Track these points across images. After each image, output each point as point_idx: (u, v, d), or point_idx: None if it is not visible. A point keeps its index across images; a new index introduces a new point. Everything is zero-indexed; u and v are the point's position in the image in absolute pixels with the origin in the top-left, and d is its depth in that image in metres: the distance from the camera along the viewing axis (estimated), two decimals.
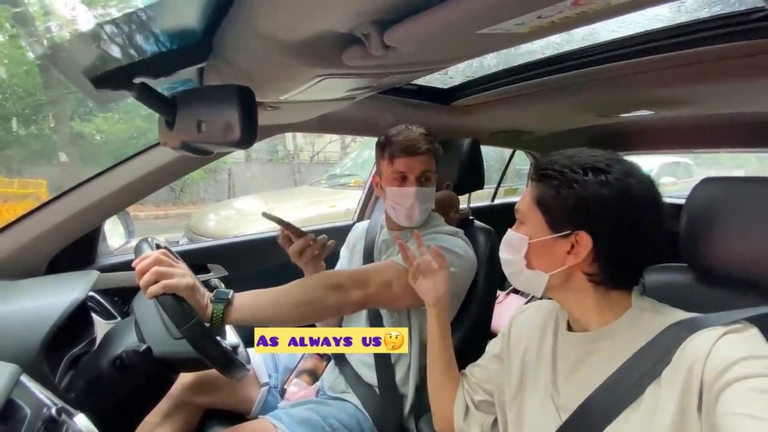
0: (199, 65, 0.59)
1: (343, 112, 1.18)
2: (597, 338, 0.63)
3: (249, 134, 0.44)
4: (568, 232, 0.60)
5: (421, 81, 1.31)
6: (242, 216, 3.40)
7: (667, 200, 0.63)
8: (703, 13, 0.79)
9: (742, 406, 0.44)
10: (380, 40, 0.40)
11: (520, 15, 0.37)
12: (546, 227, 0.62)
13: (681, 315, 0.59)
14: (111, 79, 0.48)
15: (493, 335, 0.87)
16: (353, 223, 1.68)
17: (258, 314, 0.86)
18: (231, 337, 0.99)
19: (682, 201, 0.72)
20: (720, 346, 0.50)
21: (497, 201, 2.33)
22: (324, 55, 0.47)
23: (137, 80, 0.50)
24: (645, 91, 1.10)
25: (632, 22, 0.86)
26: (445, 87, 1.37)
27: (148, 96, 0.50)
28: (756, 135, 1.42)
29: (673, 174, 6.13)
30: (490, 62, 1.23)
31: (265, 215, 1.05)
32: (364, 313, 1.15)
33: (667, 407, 0.52)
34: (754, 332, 0.52)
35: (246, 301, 0.86)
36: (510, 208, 0.73)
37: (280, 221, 1.06)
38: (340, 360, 1.20)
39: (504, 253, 0.68)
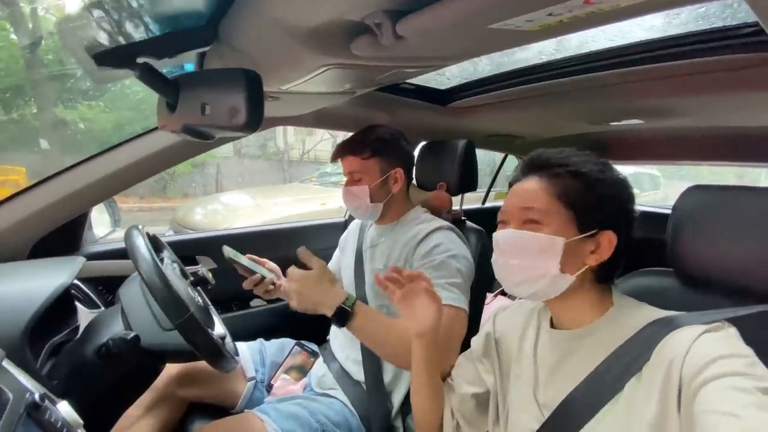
0: (202, 49, 0.58)
1: (340, 108, 1.18)
2: (580, 336, 0.64)
3: (255, 119, 0.44)
4: (595, 231, 0.60)
5: (420, 81, 1.32)
6: (229, 210, 3.36)
7: (652, 210, 0.66)
8: (696, 26, 0.81)
9: (720, 404, 0.45)
10: (392, 30, 0.41)
11: (532, 11, 0.37)
12: (573, 226, 0.60)
13: (661, 313, 0.60)
14: (114, 56, 0.47)
15: None
16: (345, 221, 1.68)
17: (371, 335, 0.89)
18: (218, 328, 0.97)
19: (667, 211, 0.75)
20: (699, 344, 0.51)
21: (488, 204, 2.36)
22: (333, 44, 0.47)
23: (140, 60, 0.49)
24: (637, 100, 1.13)
25: (628, 32, 0.88)
26: (442, 88, 1.38)
27: (150, 76, 0.49)
28: (744, 149, 1.46)
29: (640, 186, 5.81)
30: (485, 68, 1.25)
31: (226, 251, 1.06)
32: None
33: (646, 404, 0.53)
34: (733, 332, 0.53)
35: (368, 318, 0.89)
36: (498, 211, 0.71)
37: (234, 262, 1.07)
38: (329, 356, 1.20)
39: (516, 259, 0.62)
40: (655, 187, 6.36)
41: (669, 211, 0.72)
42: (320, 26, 0.44)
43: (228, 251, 1.06)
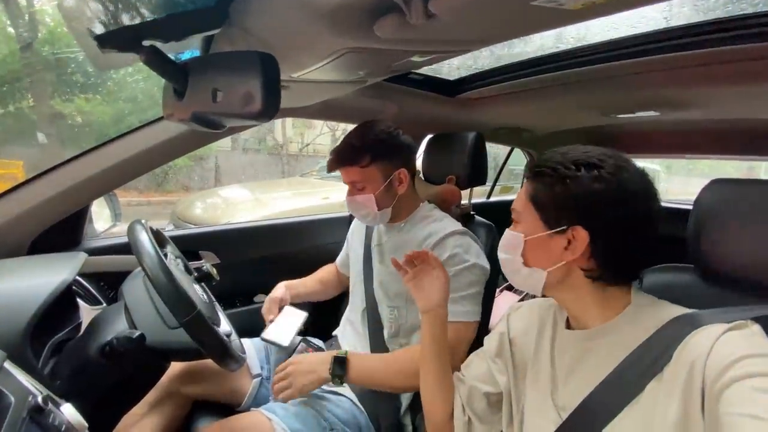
0: (212, 32, 0.55)
1: (347, 99, 1.15)
2: (596, 335, 0.62)
3: (271, 106, 0.41)
4: (564, 227, 0.60)
5: (428, 71, 1.28)
6: (229, 205, 3.32)
7: (672, 206, 0.64)
8: (720, 13, 0.78)
9: (745, 406, 0.43)
10: (424, 7, 0.37)
11: None
12: (541, 224, 0.62)
13: (680, 311, 0.58)
14: (118, 39, 0.43)
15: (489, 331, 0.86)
16: (350, 215, 1.66)
17: (371, 383, 0.96)
18: (224, 325, 0.95)
19: (688, 207, 0.72)
20: (721, 343, 0.49)
21: (493, 198, 2.33)
22: (354, 24, 0.44)
23: (146, 43, 0.45)
24: (652, 90, 1.10)
25: (651, 18, 0.85)
26: (451, 79, 1.35)
27: (157, 60, 0.46)
28: (753, 142, 1.43)
29: None
30: (499, 56, 1.21)
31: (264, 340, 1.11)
32: (361, 304, 1.13)
33: (668, 406, 0.51)
34: (757, 329, 0.51)
35: (362, 370, 0.94)
36: (505, 205, 0.73)
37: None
38: None
39: (502, 253, 0.68)
40: (656, 181, 6.39)
41: (682, 206, 0.70)
42: (342, 4, 0.41)
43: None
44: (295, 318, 1.17)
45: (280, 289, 1.22)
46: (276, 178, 6.78)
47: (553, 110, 1.47)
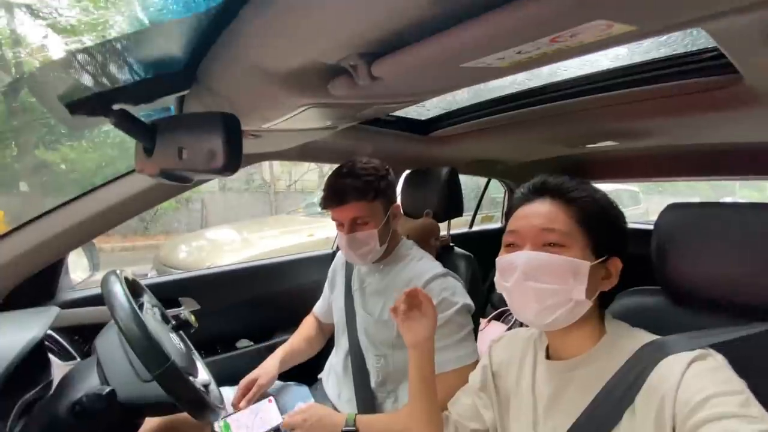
0: (181, 93, 0.58)
1: (324, 141, 1.19)
2: (575, 366, 0.63)
3: (233, 162, 0.44)
4: (605, 257, 0.60)
5: (400, 113, 1.35)
6: (215, 246, 3.30)
7: (635, 226, 0.67)
8: (659, 54, 0.85)
9: None
10: (368, 71, 0.41)
11: (502, 50, 0.39)
12: (590, 251, 0.59)
13: (650, 337, 0.60)
14: (88, 105, 0.46)
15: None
16: (333, 252, 1.66)
17: None
18: (202, 374, 0.93)
19: (649, 227, 0.76)
20: (689, 377, 0.51)
21: (474, 228, 2.37)
22: (310, 85, 0.48)
23: (116, 107, 0.48)
24: (608, 123, 1.17)
25: (596, 61, 0.92)
26: (422, 119, 1.42)
27: (126, 123, 0.49)
28: (714, 164, 1.52)
29: (620, 202, 6.11)
30: (463, 96, 1.29)
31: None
32: (344, 350, 1.12)
33: None
34: (720, 360, 0.53)
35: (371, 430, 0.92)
36: (486, 234, 0.73)
37: None
38: (320, 396, 1.15)
39: (543, 282, 0.58)
40: (636, 202, 6.51)
41: (650, 227, 0.73)
42: (297, 69, 0.45)
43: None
44: (268, 420, 1.07)
45: (272, 369, 1.14)
46: (264, 217, 6.77)
47: (521, 144, 1.54)
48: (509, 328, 1.77)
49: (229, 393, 1.15)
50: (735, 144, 1.35)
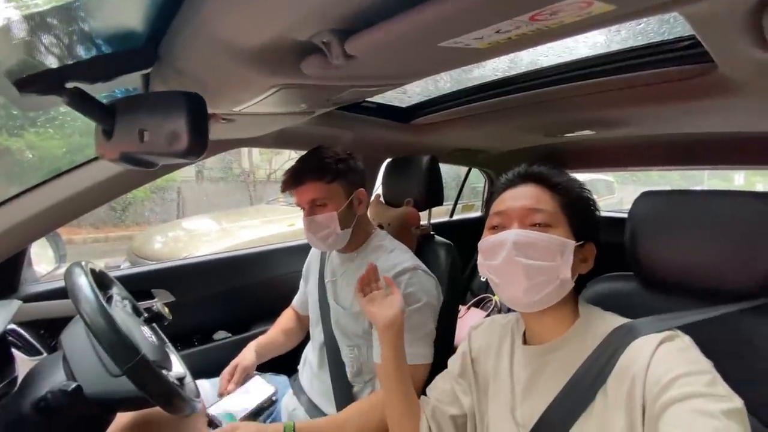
0: (143, 72, 0.55)
1: (302, 127, 1.16)
2: (551, 350, 0.64)
3: (198, 144, 0.41)
4: (582, 243, 0.63)
5: (381, 99, 1.32)
6: (193, 237, 3.21)
7: (609, 215, 0.68)
8: (636, 42, 0.86)
9: (683, 429, 0.46)
10: (341, 49, 0.39)
11: (480, 29, 0.37)
12: (572, 235, 0.62)
13: (621, 321, 0.62)
14: (39, 82, 0.42)
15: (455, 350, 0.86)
16: None
17: None
18: (177, 367, 0.90)
19: (623, 215, 0.77)
20: (658, 358, 0.52)
21: (455, 217, 2.39)
22: (281, 64, 0.45)
23: (70, 85, 0.45)
24: (586, 112, 1.18)
25: (574, 48, 0.92)
26: (404, 106, 1.40)
27: (81, 102, 0.45)
28: (687, 154, 1.57)
29: (595, 191, 6.35)
30: (445, 85, 1.27)
31: None
32: (319, 342, 1.11)
33: (616, 417, 0.54)
34: (688, 341, 0.55)
35: None
36: (466, 223, 0.74)
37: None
38: (298, 388, 1.15)
39: (534, 259, 0.59)
40: (610, 191, 6.68)
41: (626, 215, 0.75)
42: (266, 46, 0.42)
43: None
44: (263, 390, 1.08)
45: (250, 355, 1.15)
46: (244, 207, 6.64)
47: (501, 132, 1.55)
48: (488, 315, 1.80)
49: (206, 385, 1.13)
50: (708, 134, 1.39)
